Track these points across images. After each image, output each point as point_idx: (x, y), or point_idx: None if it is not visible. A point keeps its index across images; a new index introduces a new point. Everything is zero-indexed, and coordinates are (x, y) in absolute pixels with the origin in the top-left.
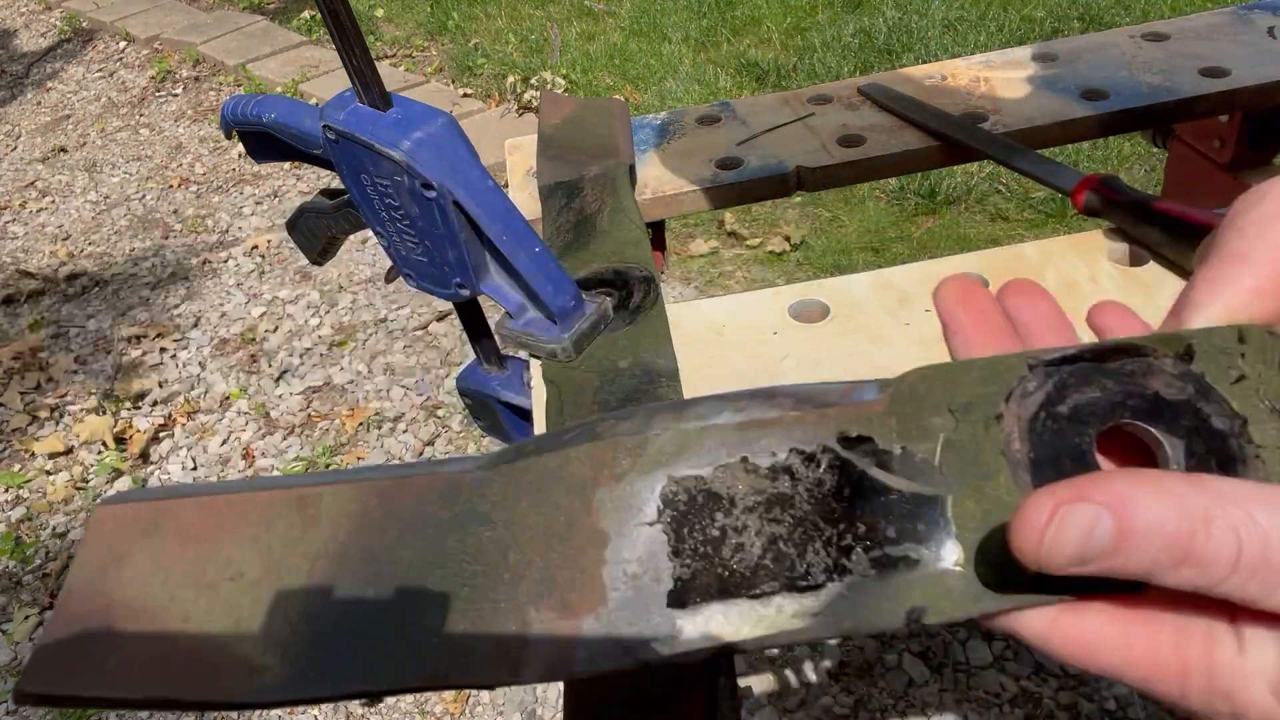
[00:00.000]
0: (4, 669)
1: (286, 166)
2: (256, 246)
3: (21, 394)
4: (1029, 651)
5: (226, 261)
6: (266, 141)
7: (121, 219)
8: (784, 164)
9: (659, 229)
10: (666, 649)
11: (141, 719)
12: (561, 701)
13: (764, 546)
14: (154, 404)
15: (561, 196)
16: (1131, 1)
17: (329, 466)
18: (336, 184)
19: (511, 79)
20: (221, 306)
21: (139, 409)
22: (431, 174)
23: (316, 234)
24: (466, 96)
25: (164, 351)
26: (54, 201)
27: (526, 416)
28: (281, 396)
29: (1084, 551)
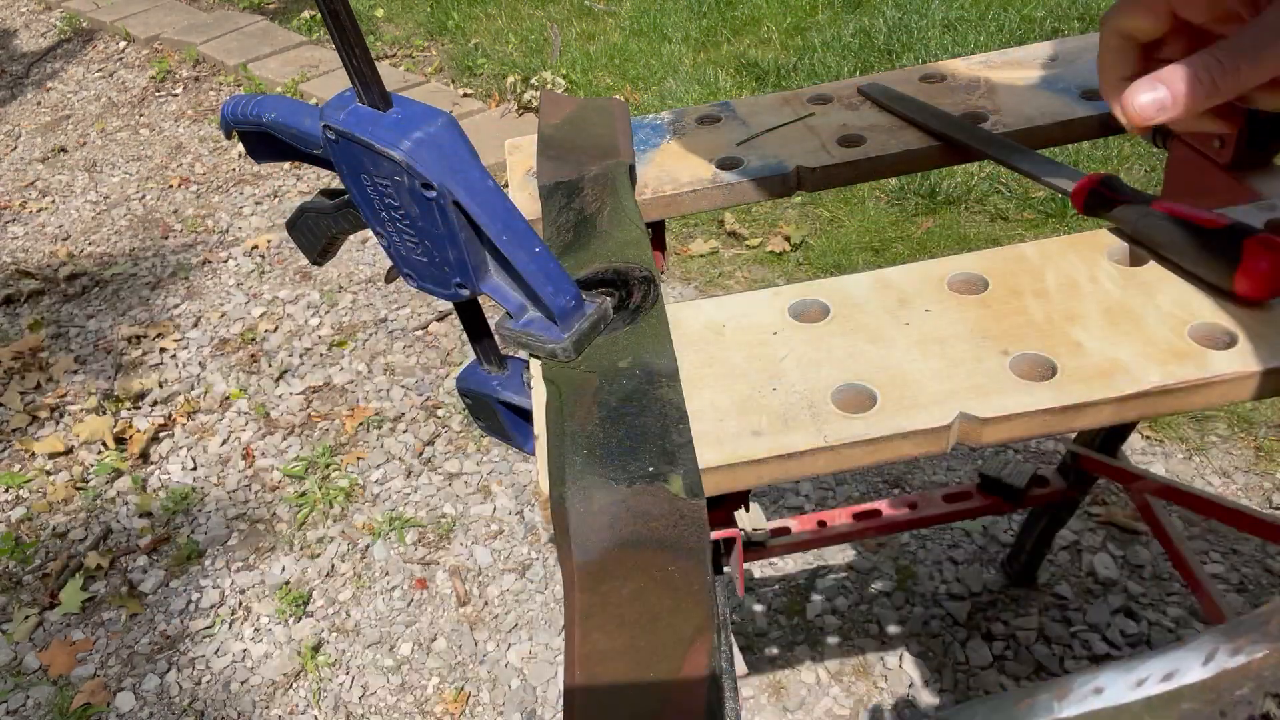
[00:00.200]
0: (4, 669)
1: (286, 166)
2: (256, 246)
3: (21, 394)
4: (1029, 652)
5: (226, 261)
6: (266, 141)
7: (121, 219)
8: (784, 164)
9: (659, 229)
10: None
11: None
12: (561, 702)
13: None
14: (154, 404)
15: (561, 196)
16: None
17: (329, 466)
18: (336, 184)
19: (511, 79)
20: (221, 306)
21: (139, 409)
22: (431, 174)
23: (316, 234)
24: (466, 96)
25: (164, 351)
26: (54, 201)
27: (526, 416)
28: (281, 396)
29: None
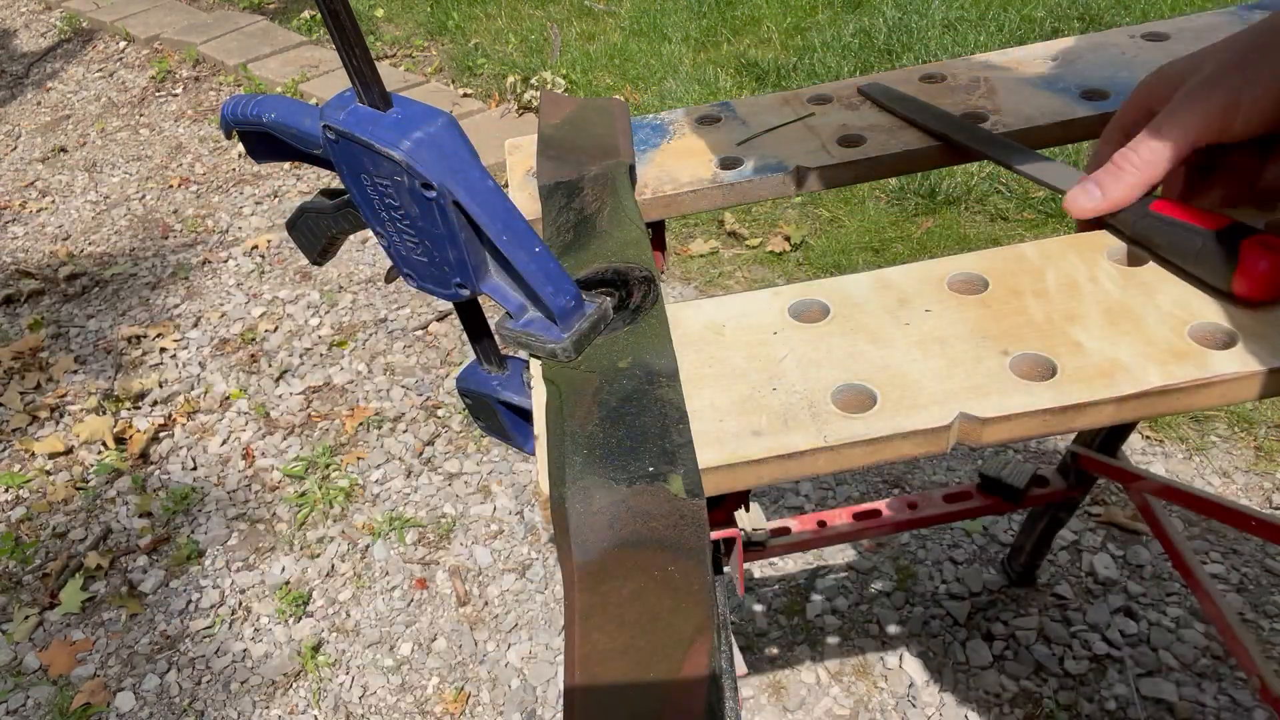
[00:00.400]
0: (4, 669)
1: (286, 166)
2: (256, 246)
3: (21, 394)
4: (1029, 652)
5: (226, 261)
6: (266, 141)
7: (121, 219)
8: (784, 164)
9: (659, 229)
10: None
11: None
12: (561, 702)
13: None
14: (154, 404)
15: (561, 196)
16: (1131, 1)
17: (329, 466)
18: (336, 184)
19: (511, 79)
20: (221, 306)
21: (139, 409)
22: (431, 174)
23: (316, 234)
24: (466, 96)
25: (164, 351)
26: (54, 201)
27: (526, 416)
28: (281, 396)
29: None
